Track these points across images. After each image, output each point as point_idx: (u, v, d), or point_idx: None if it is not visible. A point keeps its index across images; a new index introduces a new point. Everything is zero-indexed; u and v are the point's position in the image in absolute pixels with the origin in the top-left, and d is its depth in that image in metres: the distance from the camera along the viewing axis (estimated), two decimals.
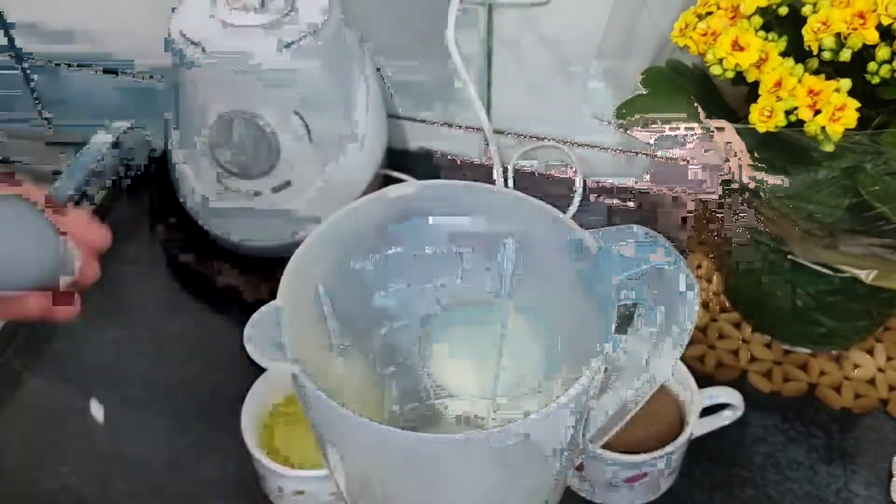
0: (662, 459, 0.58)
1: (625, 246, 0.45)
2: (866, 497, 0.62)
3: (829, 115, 0.50)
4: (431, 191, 0.49)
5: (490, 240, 0.51)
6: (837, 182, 0.54)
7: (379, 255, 0.51)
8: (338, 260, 0.49)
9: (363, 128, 0.75)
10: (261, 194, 0.71)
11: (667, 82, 0.59)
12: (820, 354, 0.70)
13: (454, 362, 0.58)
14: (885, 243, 0.56)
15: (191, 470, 0.65)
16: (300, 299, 0.45)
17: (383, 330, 0.55)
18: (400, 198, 0.49)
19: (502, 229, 0.50)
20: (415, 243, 0.51)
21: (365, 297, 0.52)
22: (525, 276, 0.52)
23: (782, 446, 0.65)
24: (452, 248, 0.52)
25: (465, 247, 0.52)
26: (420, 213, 0.50)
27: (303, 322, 0.46)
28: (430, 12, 0.77)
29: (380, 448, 0.42)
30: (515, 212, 0.49)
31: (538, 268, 0.51)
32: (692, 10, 0.56)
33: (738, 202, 0.65)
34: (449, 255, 0.52)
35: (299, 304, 0.45)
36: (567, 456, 0.49)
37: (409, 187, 0.49)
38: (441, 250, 0.52)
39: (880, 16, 0.50)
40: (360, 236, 0.49)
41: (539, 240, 0.49)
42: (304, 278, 0.46)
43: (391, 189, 0.49)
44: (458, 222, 0.50)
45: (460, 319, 0.56)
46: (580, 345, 0.48)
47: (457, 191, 0.50)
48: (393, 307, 0.54)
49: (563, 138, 0.83)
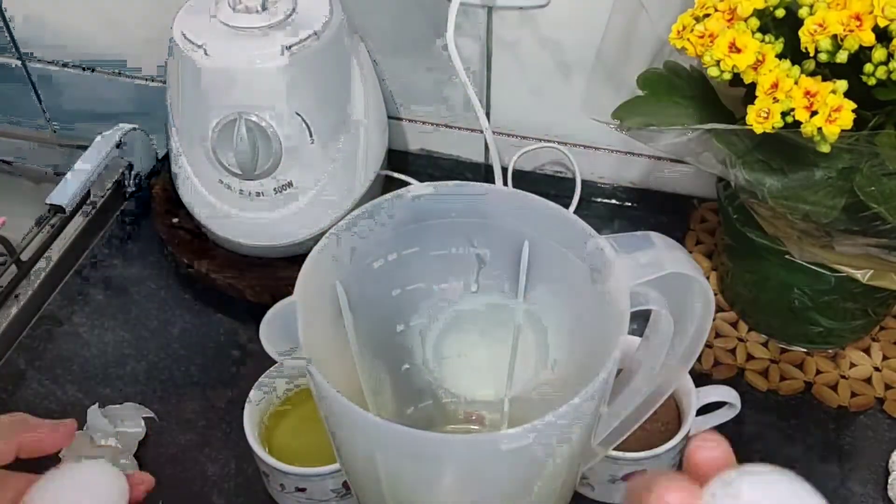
0: (660, 456, 0.59)
1: (641, 252, 0.45)
2: (863, 495, 0.63)
3: (826, 117, 0.50)
4: (449, 191, 0.49)
5: (506, 241, 0.51)
6: (834, 182, 0.54)
7: (397, 254, 0.51)
8: (356, 258, 0.49)
9: (364, 129, 0.75)
10: (263, 195, 0.72)
11: (665, 84, 0.60)
12: (816, 353, 0.71)
13: (467, 363, 0.59)
14: (881, 243, 0.56)
15: (193, 468, 0.65)
16: (316, 296, 0.45)
17: (399, 328, 0.55)
18: (418, 197, 0.49)
19: (519, 231, 0.50)
20: (432, 243, 0.51)
21: (381, 295, 0.52)
22: (540, 279, 0.52)
23: (779, 444, 0.65)
24: (469, 248, 0.52)
25: (481, 248, 0.52)
26: (438, 213, 0.50)
27: (318, 318, 0.46)
28: (429, 14, 0.77)
29: (390, 446, 0.43)
30: (532, 215, 0.49)
31: (553, 271, 0.50)
32: (690, 12, 0.56)
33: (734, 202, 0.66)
34: (466, 255, 0.52)
35: (315, 300, 0.45)
36: (576, 461, 0.49)
37: (429, 188, 0.49)
38: (458, 251, 0.52)
39: (876, 17, 0.50)
40: (378, 235, 0.49)
41: (555, 243, 0.49)
42: (322, 275, 0.46)
43: (410, 189, 0.49)
44: (476, 223, 0.51)
45: (475, 320, 0.56)
46: (593, 349, 0.48)
47: (476, 192, 0.49)
48: (409, 306, 0.54)
49: (563, 139, 0.84)
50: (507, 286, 0.53)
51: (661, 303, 0.46)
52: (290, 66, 0.68)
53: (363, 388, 0.53)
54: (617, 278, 0.44)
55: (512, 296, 0.54)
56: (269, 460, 0.58)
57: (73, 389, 0.70)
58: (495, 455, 0.41)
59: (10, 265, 0.78)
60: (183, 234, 0.79)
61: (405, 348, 0.56)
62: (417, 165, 0.88)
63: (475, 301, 0.55)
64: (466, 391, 0.60)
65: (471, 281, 0.54)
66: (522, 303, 0.54)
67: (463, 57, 0.76)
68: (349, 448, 0.47)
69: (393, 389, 0.58)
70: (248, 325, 0.75)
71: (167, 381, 0.71)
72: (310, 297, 0.44)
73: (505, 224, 0.50)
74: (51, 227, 0.82)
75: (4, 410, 0.69)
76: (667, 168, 0.83)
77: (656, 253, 0.45)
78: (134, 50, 0.90)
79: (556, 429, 0.41)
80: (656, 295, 0.46)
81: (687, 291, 0.46)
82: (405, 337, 0.56)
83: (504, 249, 0.52)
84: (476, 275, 0.53)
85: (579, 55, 0.77)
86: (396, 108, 0.86)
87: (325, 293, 0.48)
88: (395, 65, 0.83)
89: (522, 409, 0.59)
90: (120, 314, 0.76)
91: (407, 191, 0.49)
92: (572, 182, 0.84)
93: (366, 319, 0.51)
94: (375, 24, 0.79)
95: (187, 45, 0.68)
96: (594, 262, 0.47)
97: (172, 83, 0.72)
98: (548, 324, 0.54)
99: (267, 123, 0.68)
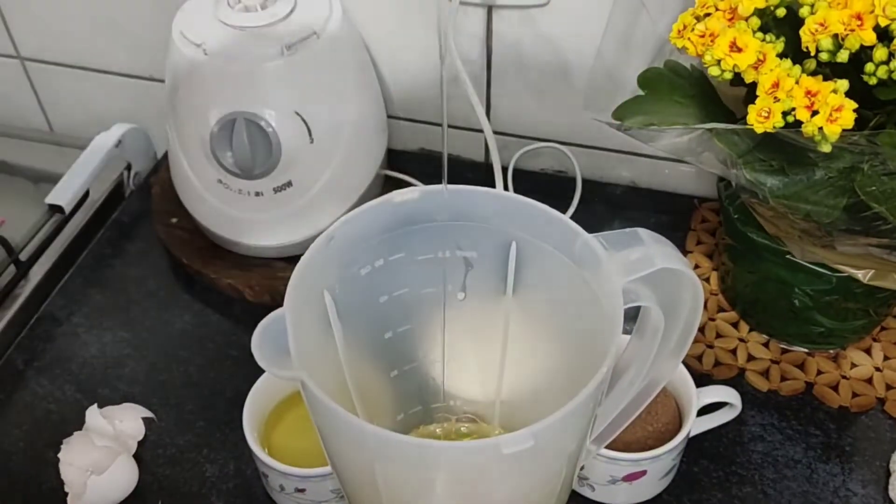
0: (661, 457, 0.58)
1: (630, 250, 0.45)
2: (864, 495, 0.63)
3: (827, 116, 0.50)
4: (436, 195, 0.49)
5: (493, 244, 0.51)
6: (835, 182, 0.54)
7: (383, 260, 0.51)
8: (342, 266, 0.49)
9: (363, 128, 0.75)
10: (262, 195, 0.72)
11: (665, 83, 0.60)
12: (817, 353, 0.70)
13: (457, 367, 0.59)
14: (882, 243, 0.56)
15: (192, 468, 0.65)
16: (306, 306, 0.46)
17: (388, 334, 0.55)
18: (404, 203, 0.49)
19: (506, 233, 0.50)
20: (419, 248, 0.51)
21: (370, 301, 0.52)
22: (529, 280, 0.52)
23: (780, 445, 0.65)
24: (457, 252, 0.52)
25: (468, 251, 0.52)
26: (424, 217, 0.50)
27: (309, 328, 0.46)
28: (429, 13, 0.77)
29: (385, 454, 0.43)
30: (520, 216, 0.49)
31: (542, 271, 0.50)
32: (690, 11, 0.56)
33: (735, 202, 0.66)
34: (453, 259, 0.52)
35: (305, 310, 0.45)
36: (574, 460, 0.49)
37: (414, 192, 0.49)
38: (445, 255, 0.52)
39: (878, 17, 0.50)
40: (364, 241, 0.49)
41: (544, 243, 0.49)
42: (310, 285, 0.46)
43: (396, 194, 0.49)
44: (462, 226, 0.50)
45: (463, 324, 0.56)
46: (585, 348, 0.48)
47: (461, 195, 0.49)
48: (397, 312, 0.54)
49: (563, 139, 0.84)
50: (496, 288, 0.53)
51: (651, 298, 0.46)
52: (290, 66, 0.67)
53: (353, 396, 0.53)
54: (608, 277, 0.44)
55: (500, 298, 0.53)
56: (268, 461, 0.58)
57: (72, 390, 0.70)
58: (496, 459, 0.41)
59: (10, 265, 0.78)
60: (182, 234, 0.79)
61: (394, 354, 0.56)
62: (417, 165, 0.88)
63: (463, 305, 0.54)
64: (457, 395, 0.60)
65: (458, 284, 0.53)
66: (511, 304, 0.53)
67: (463, 56, 0.76)
68: (345, 459, 0.47)
69: (383, 396, 0.58)
70: (248, 326, 0.74)
71: (166, 381, 0.71)
72: (299, 308, 0.44)
73: (491, 226, 0.50)
74: (50, 227, 0.82)
75: (4, 410, 0.69)
76: (667, 168, 0.83)
77: (645, 249, 0.45)
78: (133, 49, 0.90)
79: (556, 430, 0.41)
80: (646, 291, 0.46)
81: (676, 285, 0.47)
82: (394, 343, 0.55)
83: (491, 251, 0.51)
84: (464, 278, 0.53)
85: (579, 55, 0.77)
86: (396, 107, 0.86)
87: (314, 302, 0.48)
88: (395, 65, 0.83)
89: (514, 411, 0.59)
90: (119, 314, 0.76)
91: (392, 196, 0.49)
92: (573, 182, 0.84)
93: (354, 327, 0.51)
94: (375, 24, 0.79)
95: (186, 44, 0.68)
96: (584, 261, 0.47)
97: (172, 83, 0.72)
98: (538, 324, 0.54)
99: (266, 123, 0.68)
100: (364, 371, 0.54)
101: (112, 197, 0.86)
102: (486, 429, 0.60)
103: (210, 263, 0.77)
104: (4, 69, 0.96)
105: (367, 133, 0.76)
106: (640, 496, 0.62)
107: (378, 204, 0.49)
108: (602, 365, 0.41)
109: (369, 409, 0.55)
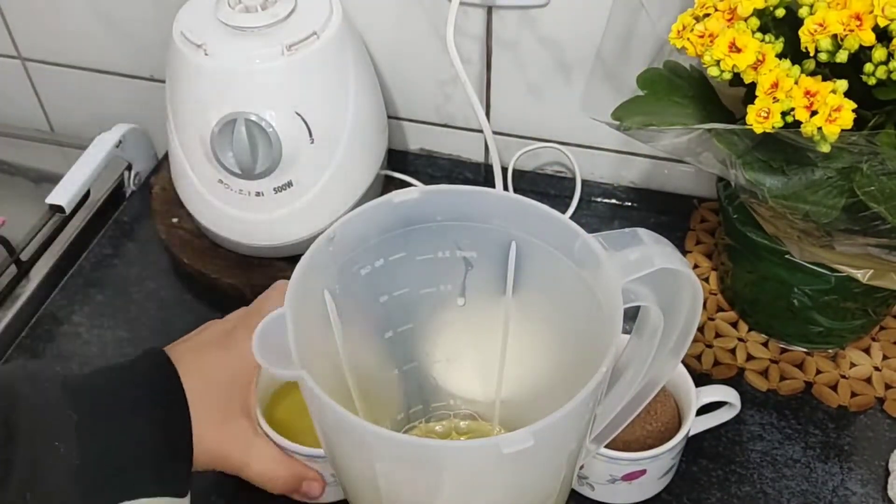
0: (660, 457, 0.59)
1: (630, 249, 0.45)
2: (862, 495, 0.63)
3: (826, 116, 0.50)
4: (435, 195, 0.49)
5: (493, 243, 0.51)
6: (834, 182, 0.54)
7: (383, 260, 0.51)
8: (342, 265, 0.49)
9: (364, 129, 0.75)
10: (262, 195, 0.72)
11: (665, 84, 0.60)
12: (816, 353, 0.71)
13: (457, 366, 0.59)
14: (881, 243, 0.56)
15: None
16: (306, 305, 0.46)
17: (388, 334, 0.55)
18: (404, 203, 0.49)
19: (506, 233, 0.50)
20: (419, 248, 0.51)
21: (370, 301, 0.52)
22: (528, 280, 0.52)
23: (779, 444, 0.66)
24: (456, 252, 0.52)
25: (468, 251, 0.52)
26: (424, 217, 0.50)
27: (309, 328, 0.46)
28: (429, 13, 0.78)
29: (385, 453, 0.43)
30: (519, 216, 0.49)
31: (542, 271, 0.50)
32: (690, 11, 0.56)
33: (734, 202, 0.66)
34: (453, 259, 0.52)
35: (305, 310, 0.45)
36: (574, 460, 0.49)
37: (413, 192, 0.49)
38: (445, 255, 0.52)
39: (876, 17, 0.50)
40: (364, 241, 0.49)
41: (543, 243, 0.49)
42: (310, 285, 0.46)
43: (395, 194, 0.49)
44: (461, 227, 0.50)
45: (463, 324, 0.56)
46: (584, 348, 0.48)
47: (461, 195, 0.49)
48: (397, 312, 0.54)
49: (563, 139, 0.84)
50: (496, 288, 0.53)
51: (650, 298, 0.46)
52: (290, 66, 0.68)
53: (353, 395, 0.53)
54: (607, 277, 0.45)
55: (500, 298, 0.53)
56: (274, 436, 0.57)
57: None
58: (496, 459, 0.41)
59: (11, 265, 0.78)
60: (183, 234, 0.79)
61: (394, 354, 0.56)
62: (417, 165, 0.88)
63: (463, 304, 0.55)
64: (457, 394, 0.60)
65: (458, 284, 0.54)
66: (511, 304, 0.53)
67: (463, 56, 0.76)
68: (346, 458, 0.47)
69: (383, 395, 0.58)
70: None
71: None
72: (299, 307, 0.44)
73: (491, 226, 0.50)
74: (51, 227, 0.82)
75: None
76: (667, 168, 0.83)
77: (645, 249, 0.45)
78: (134, 49, 0.90)
79: (555, 430, 0.41)
80: (646, 291, 0.46)
81: (675, 284, 0.47)
82: (394, 343, 0.55)
83: (491, 251, 0.51)
84: (463, 278, 0.53)
85: (579, 55, 0.77)
86: (396, 107, 0.86)
87: (314, 302, 0.48)
88: (395, 65, 0.83)
89: (514, 411, 0.59)
90: (120, 314, 0.76)
91: (392, 196, 0.49)
92: (572, 182, 0.84)
93: (355, 327, 0.51)
94: (375, 24, 0.80)
95: (187, 44, 0.68)
96: (583, 261, 0.47)
97: (172, 83, 0.72)
98: (537, 324, 0.54)
99: (267, 123, 0.68)
100: (364, 370, 0.54)
101: (113, 197, 0.86)
102: (486, 427, 0.60)
103: (211, 263, 0.77)
104: (5, 69, 0.96)
105: (368, 133, 0.76)
106: (639, 495, 0.62)
107: (378, 204, 0.49)
108: (601, 364, 0.41)
109: (369, 408, 0.55)
